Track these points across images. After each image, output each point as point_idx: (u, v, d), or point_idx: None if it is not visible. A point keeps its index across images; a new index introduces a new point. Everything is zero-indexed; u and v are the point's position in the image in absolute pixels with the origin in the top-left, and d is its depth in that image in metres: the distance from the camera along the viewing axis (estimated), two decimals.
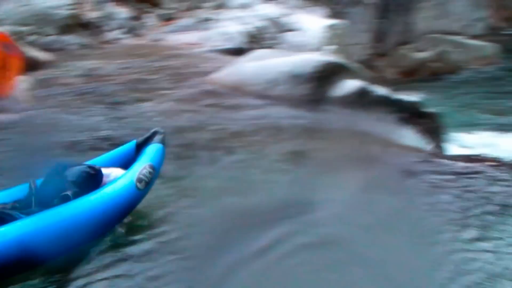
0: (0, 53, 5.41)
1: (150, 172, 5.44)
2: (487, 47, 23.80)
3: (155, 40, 15.78)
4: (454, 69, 22.28)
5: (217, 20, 16.35)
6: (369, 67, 20.10)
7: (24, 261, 4.45)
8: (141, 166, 5.42)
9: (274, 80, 10.17)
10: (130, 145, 5.90)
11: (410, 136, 9.14)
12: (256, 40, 15.40)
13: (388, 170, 7.11)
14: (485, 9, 25.44)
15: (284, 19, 16.43)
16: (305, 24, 16.08)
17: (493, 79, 21.39)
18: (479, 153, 11.48)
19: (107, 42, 15.40)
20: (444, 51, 22.58)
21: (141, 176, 5.34)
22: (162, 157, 5.77)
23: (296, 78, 9.96)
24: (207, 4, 17.35)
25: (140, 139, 5.85)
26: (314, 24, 16.07)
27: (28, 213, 4.68)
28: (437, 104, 17.53)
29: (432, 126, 9.68)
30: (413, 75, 21.64)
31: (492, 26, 27.60)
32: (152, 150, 5.66)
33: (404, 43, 22.40)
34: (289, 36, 15.85)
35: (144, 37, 16.04)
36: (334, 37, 15.67)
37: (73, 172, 5.12)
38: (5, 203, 4.85)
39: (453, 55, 22.56)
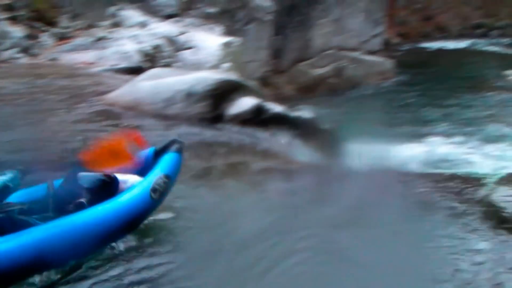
0: (122, 148, 5.84)
1: (165, 182, 5.66)
2: (384, 62, 24.49)
3: (51, 60, 15.34)
4: (352, 84, 22.75)
5: (113, 39, 16.08)
6: (267, 84, 20.26)
7: (37, 266, 4.66)
8: (156, 176, 5.61)
9: (171, 99, 10.05)
10: (149, 152, 6.10)
11: (307, 152, 9.20)
12: (152, 59, 15.21)
13: (293, 184, 7.17)
14: (381, 26, 26.11)
15: (181, 37, 16.33)
16: (202, 42, 16.02)
17: (389, 93, 21.98)
18: (377, 164, 11.76)
19: (2, 61, 14.90)
20: (342, 67, 23.03)
21: (156, 186, 5.53)
22: (179, 166, 6.01)
23: (193, 96, 9.88)
24: (103, 23, 17.05)
25: (159, 147, 6.08)
26: (211, 42, 16.03)
27: (44, 219, 4.84)
28: (335, 119, 17.87)
29: (329, 141, 9.78)
30: (312, 91, 21.91)
31: (387, 41, 28.47)
32: (168, 159, 5.89)
33: (302, 59, 22.67)
34: (186, 54, 15.75)
35: (40, 56, 15.59)
36: (231, 55, 15.67)
37: (88, 179, 5.32)
38: (23, 203, 5.02)
39: (351, 71, 23.05)
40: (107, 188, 5.30)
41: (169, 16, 17.78)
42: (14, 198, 5.16)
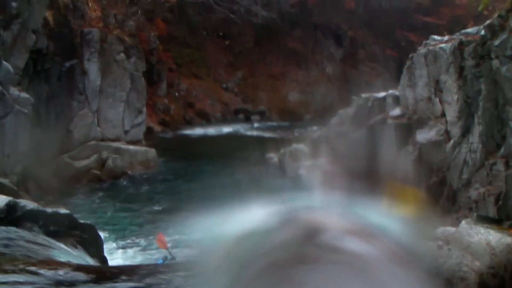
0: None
1: None
2: (146, 152, 24.71)
3: None
4: (116, 175, 22.62)
5: None
6: (29, 178, 19.50)
7: None
8: None
9: None
10: None
11: (66, 251, 8.83)
12: None
13: None
14: (142, 115, 26.39)
15: None
16: None
17: (151, 182, 22.18)
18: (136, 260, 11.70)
19: None
20: (104, 158, 22.85)
21: None
22: None
23: None
24: None
25: None
26: None
27: None
28: (96, 213, 17.65)
29: (89, 238, 9.50)
30: (75, 183, 21.48)
31: (150, 130, 28.85)
32: None
33: (64, 151, 22.19)
34: None
35: None
36: None
37: None
38: None
39: (114, 161, 22.92)
40: None
41: None
42: None
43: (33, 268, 7.56)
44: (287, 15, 43.43)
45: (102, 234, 10.16)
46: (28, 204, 9.16)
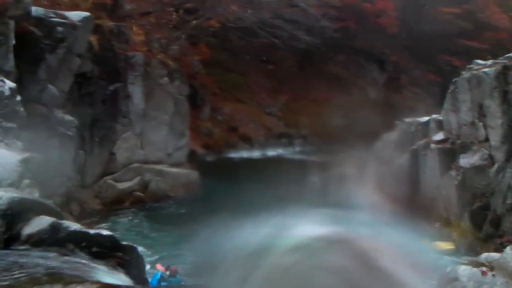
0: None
1: None
2: (188, 174, 24.84)
3: None
4: (158, 197, 22.78)
5: None
6: (73, 199, 19.76)
7: None
8: None
9: None
10: None
11: (107, 272, 8.90)
12: None
13: None
14: (185, 138, 26.57)
15: None
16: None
17: (194, 204, 22.20)
18: None
19: None
20: (147, 180, 23.03)
21: None
22: None
23: None
24: None
25: None
26: (9, 158, 15.38)
27: None
28: (138, 235, 17.75)
29: (130, 260, 9.55)
30: (118, 205, 21.70)
31: (192, 153, 28.95)
32: None
33: (107, 173, 22.46)
34: None
35: None
36: (32, 171, 15.08)
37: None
38: None
39: (157, 184, 23.10)
40: None
41: None
42: None
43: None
44: (330, 40, 43.30)
45: (143, 255, 10.21)
46: (71, 225, 9.28)
